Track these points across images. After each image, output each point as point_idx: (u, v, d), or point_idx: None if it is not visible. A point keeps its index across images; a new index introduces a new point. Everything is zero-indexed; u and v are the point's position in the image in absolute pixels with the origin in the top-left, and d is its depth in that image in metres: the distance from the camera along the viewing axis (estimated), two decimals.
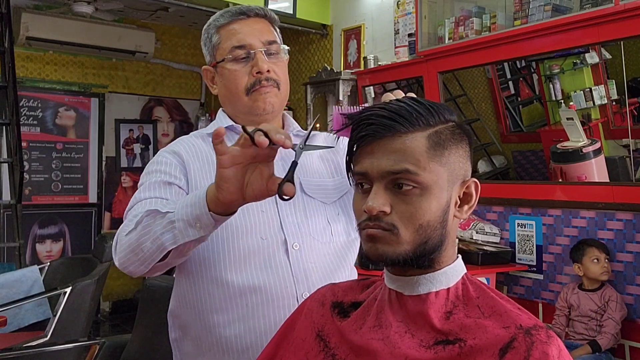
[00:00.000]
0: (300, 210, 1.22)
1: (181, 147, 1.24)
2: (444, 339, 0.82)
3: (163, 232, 1.00)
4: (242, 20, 1.25)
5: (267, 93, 1.23)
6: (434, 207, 0.84)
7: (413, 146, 0.83)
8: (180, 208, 0.99)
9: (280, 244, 1.18)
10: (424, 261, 0.85)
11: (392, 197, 0.84)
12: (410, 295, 0.88)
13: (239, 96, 1.24)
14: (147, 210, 1.04)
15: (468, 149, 0.90)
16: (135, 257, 1.04)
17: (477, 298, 0.86)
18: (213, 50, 1.27)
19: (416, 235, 0.83)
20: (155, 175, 1.19)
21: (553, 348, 0.77)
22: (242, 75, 1.23)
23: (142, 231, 1.03)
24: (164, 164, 1.21)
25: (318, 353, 0.92)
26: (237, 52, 1.23)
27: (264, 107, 1.23)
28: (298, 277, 1.17)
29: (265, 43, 1.24)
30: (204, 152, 1.24)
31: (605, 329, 2.65)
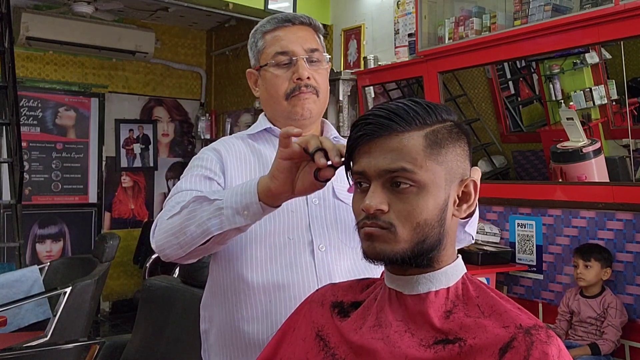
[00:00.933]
0: (330, 214, 1.24)
1: (222, 146, 1.30)
2: (443, 338, 0.82)
3: (210, 217, 1.03)
4: (287, 28, 1.29)
5: (305, 99, 1.26)
6: (431, 206, 0.84)
7: (410, 145, 0.84)
8: (230, 196, 1.03)
9: (307, 244, 1.20)
10: (422, 260, 0.86)
11: (389, 195, 0.85)
12: (410, 295, 0.88)
13: (279, 100, 1.28)
14: (195, 195, 1.08)
15: (467, 148, 0.91)
16: (176, 240, 1.08)
17: (477, 297, 0.86)
18: (258, 54, 1.32)
19: (414, 234, 0.84)
20: (197, 169, 1.25)
21: (553, 348, 0.77)
22: (283, 80, 1.27)
23: (187, 215, 1.06)
24: (205, 160, 1.27)
25: (318, 353, 0.92)
26: (280, 57, 1.27)
27: (302, 113, 1.27)
28: (322, 278, 1.18)
29: (307, 50, 1.28)
30: (242, 153, 1.29)
31: (606, 335, 2.65)
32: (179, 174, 6.51)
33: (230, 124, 5.64)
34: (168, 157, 5.95)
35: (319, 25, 1.34)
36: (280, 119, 1.30)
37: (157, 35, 5.60)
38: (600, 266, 2.73)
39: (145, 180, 5.83)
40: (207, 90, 6.08)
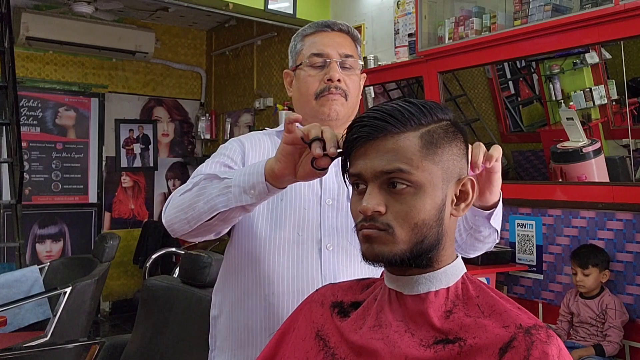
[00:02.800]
0: (342, 215, 1.27)
1: (247, 139, 1.35)
2: (443, 338, 0.82)
3: (218, 194, 1.08)
4: (326, 32, 1.35)
5: (334, 100, 1.30)
6: (428, 206, 0.84)
7: (405, 146, 0.84)
8: (238, 176, 1.07)
9: (315, 242, 1.23)
10: (421, 260, 0.86)
11: (386, 197, 0.85)
12: (409, 295, 0.88)
13: (308, 99, 1.32)
14: (207, 173, 1.13)
15: (463, 147, 0.91)
16: (184, 215, 1.12)
17: (476, 297, 0.86)
18: (296, 55, 1.38)
19: (412, 234, 0.84)
20: (219, 157, 1.30)
21: (553, 347, 0.77)
22: (315, 80, 1.31)
23: (197, 192, 1.11)
24: (229, 149, 1.32)
25: (318, 352, 0.92)
26: (315, 59, 1.32)
27: (329, 113, 1.30)
28: (327, 276, 1.21)
29: (342, 55, 1.32)
30: (265, 148, 1.34)
31: (610, 337, 2.64)
32: (179, 174, 6.54)
33: (230, 124, 5.64)
34: (168, 157, 5.95)
35: (358, 35, 1.39)
36: (308, 117, 1.32)
37: (157, 35, 5.60)
38: (599, 270, 2.72)
39: (145, 180, 5.83)
40: (207, 90, 6.08)
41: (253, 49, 5.31)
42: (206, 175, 1.14)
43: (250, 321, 1.23)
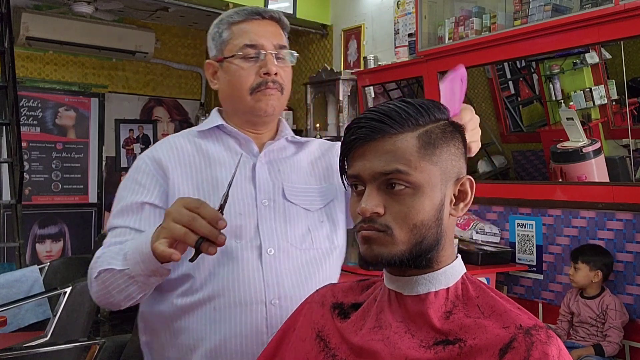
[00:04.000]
0: (280, 216, 1.21)
1: (163, 152, 1.23)
2: (443, 339, 0.82)
3: (127, 285, 1.05)
4: (256, 21, 1.25)
5: (270, 95, 1.23)
6: (427, 206, 0.84)
7: (403, 146, 0.84)
8: (134, 265, 1.03)
9: (255, 248, 1.17)
10: (421, 261, 0.85)
11: (385, 198, 0.85)
12: (409, 295, 0.88)
13: (242, 94, 1.23)
14: (101, 269, 1.08)
15: (461, 147, 0.90)
16: (107, 300, 1.10)
17: (476, 298, 0.86)
18: (222, 45, 1.26)
19: (411, 235, 0.84)
20: (131, 191, 1.20)
21: (553, 348, 0.77)
22: (249, 74, 1.22)
23: (104, 284, 1.08)
24: (143, 172, 1.21)
25: (318, 353, 0.92)
26: (248, 50, 1.22)
27: (266, 109, 1.23)
28: (269, 282, 1.15)
29: (276, 46, 1.25)
30: (186, 155, 1.23)
31: (610, 338, 2.64)
32: None
33: None
34: None
35: (287, 23, 1.31)
36: (241, 114, 1.26)
37: (157, 35, 5.60)
38: (589, 268, 2.72)
39: None
40: (207, 90, 6.07)
41: None
42: (104, 270, 1.07)
43: (192, 341, 1.15)
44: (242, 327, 1.14)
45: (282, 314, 1.15)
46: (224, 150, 1.25)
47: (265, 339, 1.12)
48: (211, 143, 1.26)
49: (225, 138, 1.27)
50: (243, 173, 1.22)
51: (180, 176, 1.20)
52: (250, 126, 1.27)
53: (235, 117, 1.27)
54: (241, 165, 1.17)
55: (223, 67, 1.26)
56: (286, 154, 1.30)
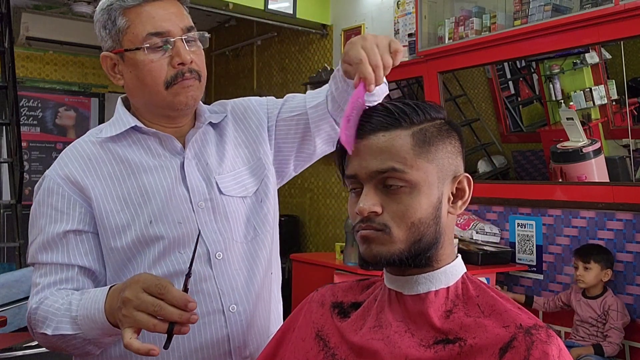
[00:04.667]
0: (221, 214, 1.12)
1: (75, 168, 1.09)
2: (443, 338, 0.82)
3: (84, 345, 0.99)
4: (155, 3, 1.07)
5: (189, 87, 1.09)
6: (424, 204, 0.84)
7: (398, 144, 0.84)
8: (89, 330, 0.97)
9: (202, 254, 1.08)
10: (420, 260, 0.86)
11: (382, 197, 0.85)
12: (409, 295, 0.88)
13: (157, 90, 1.08)
14: (48, 333, 1.00)
15: (458, 145, 0.90)
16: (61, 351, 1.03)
17: (477, 297, 0.86)
18: (118, 34, 1.08)
19: (409, 234, 0.84)
20: (49, 219, 1.07)
21: (553, 347, 0.77)
22: (161, 66, 1.07)
23: (56, 344, 1.02)
24: (57, 195, 1.07)
25: (318, 353, 0.92)
26: (154, 40, 1.06)
27: (186, 102, 1.09)
28: (223, 289, 1.09)
29: (184, 30, 1.08)
30: (104, 167, 1.09)
31: (610, 338, 2.64)
32: None
33: None
34: None
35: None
36: (156, 109, 1.11)
37: None
38: (600, 268, 2.71)
39: None
40: (207, 90, 6.07)
41: (253, 49, 5.31)
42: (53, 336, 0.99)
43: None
44: (202, 340, 1.07)
45: (242, 318, 1.11)
46: (144, 153, 1.12)
47: (227, 348, 1.09)
48: (128, 147, 1.12)
49: (143, 138, 1.13)
50: (172, 176, 1.10)
51: (103, 192, 1.08)
52: (168, 121, 1.14)
53: (148, 113, 1.13)
54: (168, 167, 1.11)
55: (125, 61, 1.09)
56: (209, 142, 1.18)
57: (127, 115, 1.13)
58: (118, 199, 1.08)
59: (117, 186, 1.08)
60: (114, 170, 1.10)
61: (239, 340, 1.10)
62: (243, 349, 1.11)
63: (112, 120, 1.15)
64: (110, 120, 1.17)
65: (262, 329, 1.15)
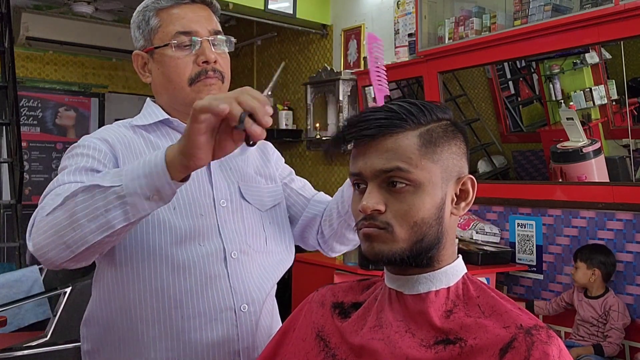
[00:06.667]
0: (238, 216, 1.14)
1: (112, 136, 1.12)
2: (444, 338, 0.82)
3: (108, 208, 0.86)
4: (187, 6, 1.14)
5: (212, 85, 1.13)
6: (428, 204, 0.84)
7: (404, 145, 0.85)
8: (131, 180, 0.86)
9: (219, 251, 1.10)
10: (422, 259, 0.86)
11: (386, 195, 0.85)
12: (410, 294, 0.88)
13: (181, 86, 1.13)
14: (82, 185, 0.89)
15: (463, 146, 0.91)
16: (61, 239, 0.89)
17: (477, 297, 0.86)
18: (150, 34, 1.15)
19: (411, 233, 0.84)
20: (81, 158, 1.05)
21: (554, 348, 0.77)
22: (186, 63, 1.12)
23: (75, 208, 0.88)
24: (91, 148, 1.08)
25: (318, 353, 0.92)
26: (182, 38, 1.12)
27: None
28: (236, 288, 1.10)
29: (211, 32, 1.14)
30: (135, 145, 1.13)
31: (610, 339, 2.64)
32: None
33: None
34: None
35: (218, 6, 1.21)
36: (180, 106, 1.15)
37: None
38: (586, 267, 2.72)
39: None
40: None
41: (253, 49, 5.31)
42: (82, 187, 0.88)
43: (154, 353, 1.06)
44: (214, 337, 1.07)
45: (252, 319, 1.11)
46: (170, 143, 1.10)
47: (237, 347, 1.10)
48: (158, 138, 1.16)
49: (172, 133, 1.17)
50: (198, 172, 1.11)
51: (126, 157, 1.10)
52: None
53: (173, 111, 1.17)
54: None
55: (154, 58, 1.15)
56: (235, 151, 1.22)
57: (158, 109, 1.18)
58: None
59: None
60: (143, 150, 1.12)
61: (248, 341, 1.11)
62: (252, 350, 1.12)
63: (141, 114, 1.19)
64: (138, 115, 1.20)
65: (267, 332, 1.16)
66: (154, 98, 1.22)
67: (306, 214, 1.28)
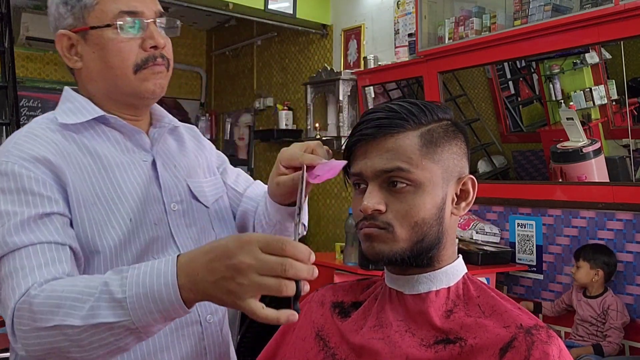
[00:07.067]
0: (190, 218, 1.04)
1: (43, 150, 0.92)
2: (444, 337, 0.82)
3: (119, 338, 0.77)
4: None
5: (159, 73, 1.01)
6: (428, 204, 0.84)
7: (405, 145, 0.85)
8: (143, 314, 0.75)
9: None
10: (422, 259, 0.86)
11: (387, 196, 0.85)
12: (410, 294, 0.88)
13: (124, 73, 0.98)
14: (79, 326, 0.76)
15: (463, 146, 0.91)
16: (64, 353, 0.79)
17: (477, 297, 0.86)
18: (83, 11, 0.99)
19: (412, 233, 0.84)
20: (23, 204, 0.87)
21: (554, 348, 0.77)
22: (131, 47, 0.98)
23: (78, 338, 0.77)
24: (28, 179, 0.88)
25: (318, 352, 0.92)
26: (126, 18, 0.98)
27: (154, 90, 1.01)
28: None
29: (157, 13, 1.03)
30: (71, 154, 0.95)
31: (610, 338, 2.64)
32: None
33: (230, 124, 5.64)
34: None
35: None
36: (120, 97, 1.01)
37: None
38: (589, 266, 2.72)
39: None
40: (207, 90, 6.07)
41: (253, 49, 5.31)
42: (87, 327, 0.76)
43: None
44: (183, 354, 0.99)
45: (217, 329, 1.06)
46: (112, 147, 1.00)
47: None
48: (92, 139, 0.99)
49: (109, 131, 1.02)
50: (145, 173, 1.01)
51: (79, 182, 0.94)
52: (129, 111, 1.04)
53: (109, 102, 1.02)
54: (140, 164, 1.01)
55: (88, 40, 0.99)
56: (172, 144, 1.11)
57: (88, 103, 1.01)
58: (91, 193, 0.94)
59: (88, 179, 0.95)
60: (82, 162, 0.96)
61: (216, 353, 1.05)
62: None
63: (67, 108, 1.01)
64: (61, 108, 1.02)
65: (227, 340, 1.11)
66: (75, 86, 1.06)
67: (240, 209, 1.19)
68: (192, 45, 6.01)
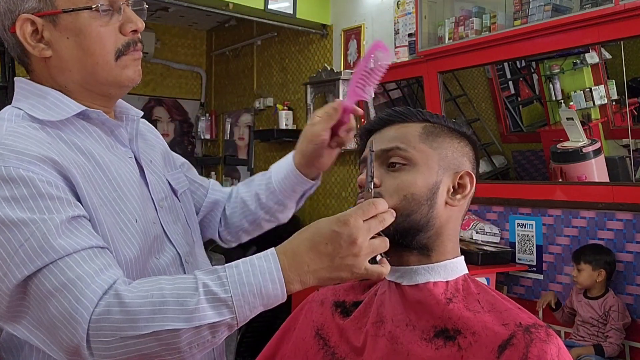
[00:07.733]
0: (174, 214, 1.02)
1: (44, 149, 0.83)
2: (442, 327, 0.83)
3: (219, 335, 0.78)
4: None
5: (138, 59, 0.95)
6: (419, 182, 0.88)
7: (407, 131, 0.92)
8: (249, 309, 0.77)
9: (175, 259, 0.98)
10: (410, 240, 0.87)
11: (383, 174, 0.90)
12: (409, 285, 0.89)
13: (105, 61, 0.91)
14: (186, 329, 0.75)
15: (468, 150, 0.94)
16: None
17: (477, 294, 0.87)
18: None
19: (399, 205, 0.86)
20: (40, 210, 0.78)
21: (552, 346, 0.77)
22: (110, 33, 0.91)
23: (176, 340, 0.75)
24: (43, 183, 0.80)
25: (318, 351, 0.92)
26: (102, 1, 0.89)
27: (134, 78, 0.95)
28: None
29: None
30: (64, 152, 0.86)
31: (611, 339, 2.64)
32: None
33: (230, 124, 5.64)
34: None
35: None
36: (98, 87, 0.93)
37: (157, 35, 5.60)
38: (592, 268, 2.71)
39: None
40: (207, 90, 6.08)
41: (253, 49, 5.31)
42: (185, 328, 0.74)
43: None
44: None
45: None
46: (96, 143, 0.93)
47: (213, 355, 1.03)
48: (76, 136, 0.91)
49: (90, 127, 0.93)
50: (134, 171, 0.97)
51: (82, 182, 0.86)
52: (102, 103, 0.96)
53: (84, 92, 0.93)
54: (127, 160, 0.97)
55: (60, 25, 0.89)
56: (142, 138, 1.06)
57: (66, 98, 0.92)
58: (94, 193, 0.87)
59: (88, 179, 0.87)
60: (77, 161, 0.87)
61: (220, 346, 1.05)
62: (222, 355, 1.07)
63: (39, 103, 0.90)
64: (29, 103, 0.91)
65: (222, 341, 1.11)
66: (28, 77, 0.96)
67: (208, 200, 1.19)
68: (192, 45, 6.01)
